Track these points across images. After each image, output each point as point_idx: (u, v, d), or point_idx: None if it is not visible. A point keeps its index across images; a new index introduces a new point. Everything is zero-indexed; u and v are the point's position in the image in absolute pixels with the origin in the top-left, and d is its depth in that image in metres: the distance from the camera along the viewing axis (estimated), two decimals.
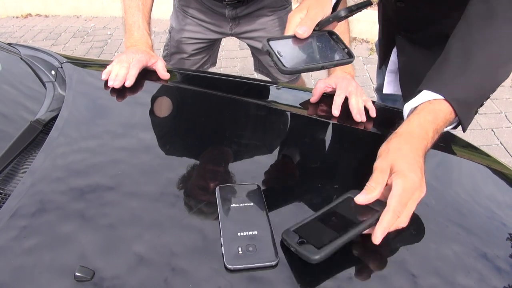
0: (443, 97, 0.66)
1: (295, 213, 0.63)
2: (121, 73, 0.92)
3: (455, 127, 0.72)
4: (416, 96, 0.69)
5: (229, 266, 0.53)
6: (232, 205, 0.63)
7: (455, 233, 0.64)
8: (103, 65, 1.05)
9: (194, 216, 0.63)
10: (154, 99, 0.94)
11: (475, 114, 0.72)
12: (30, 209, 0.62)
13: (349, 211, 0.59)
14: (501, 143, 2.07)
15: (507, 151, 2.02)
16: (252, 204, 0.63)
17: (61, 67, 0.99)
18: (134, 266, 0.54)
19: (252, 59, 1.60)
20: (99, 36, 3.48)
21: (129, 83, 0.92)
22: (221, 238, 0.57)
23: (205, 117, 0.88)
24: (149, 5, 1.10)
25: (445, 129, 0.69)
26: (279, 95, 1.01)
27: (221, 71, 2.77)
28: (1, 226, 0.59)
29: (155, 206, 0.64)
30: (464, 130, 0.70)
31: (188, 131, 0.84)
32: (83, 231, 0.59)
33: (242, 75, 2.78)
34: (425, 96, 0.67)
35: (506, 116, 2.23)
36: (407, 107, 0.70)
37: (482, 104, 0.73)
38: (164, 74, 1.00)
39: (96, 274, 0.53)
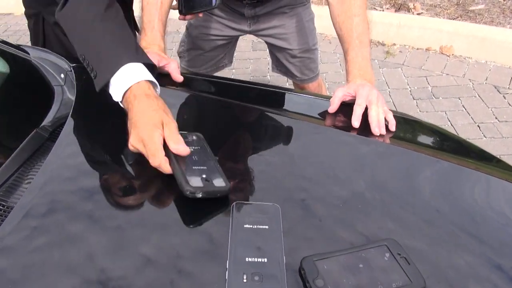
0: None
1: (315, 243, 0.58)
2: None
3: None
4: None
5: None
6: (245, 226, 0.58)
7: (467, 242, 0.61)
8: None
9: (205, 224, 0.61)
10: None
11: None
12: (39, 211, 0.59)
13: (379, 264, 0.53)
14: None
15: None
16: (267, 227, 0.58)
17: (71, 71, 0.96)
18: (141, 267, 0.53)
19: (265, 60, 1.56)
20: None
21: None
22: (227, 261, 0.53)
23: (218, 125, 0.84)
24: (168, 4, 1.06)
25: None
26: (296, 103, 0.97)
27: (233, 72, 2.73)
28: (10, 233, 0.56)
29: (166, 211, 0.61)
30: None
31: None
32: (91, 232, 0.58)
33: (255, 77, 2.74)
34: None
35: None
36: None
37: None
38: (177, 76, 0.96)
39: (103, 274, 0.52)
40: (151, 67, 0.80)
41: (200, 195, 0.61)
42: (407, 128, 0.96)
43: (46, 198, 0.62)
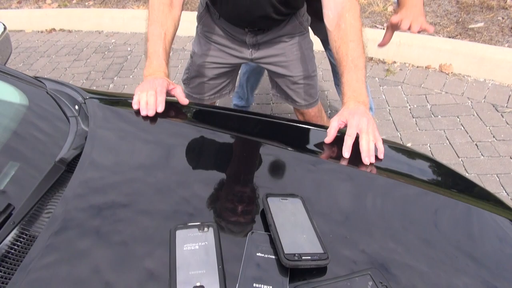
0: None
1: (306, 272, 0.64)
2: (151, 101, 0.99)
3: None
4: None
5: None
6: (257, 254, 0.65)
7: (464, 264, 0.66)
8: (125, 99, 1.09)
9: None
10: (173, 137, 0.97)
11: None
12: (61, 241, 0.65)
13: None
14: None
15: None
16: (276, 257, 0.64)
17: (84, 103, 1.03)
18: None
19: (267, 78, 1.63)
20: (119, 52, 3.57)
21: (160, 109, 0.99)
22: (237, 285, 0.59)
23: (218, 157, 0.90)
24: (171, 35, 1.16)
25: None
26: (293, 135, 1.03)
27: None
28: (36, 262, 0.62)
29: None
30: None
31: (205, 173, 0.86)
32: (112, 258, 0.62)
33: (258, 94, 2.80)
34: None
35: None
36: None
37: None
38: (183, 100, 1.06)
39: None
40: None
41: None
42: (397, 158, 1.02)
43: (68, 228, 0.68)
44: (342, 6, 1.07)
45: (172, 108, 1.05)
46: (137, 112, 0.99)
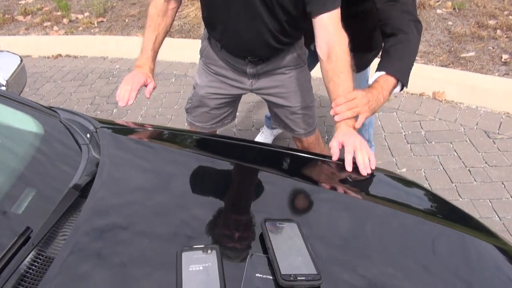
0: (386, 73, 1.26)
1: None
2: (125, 96, 1.27)
3: (401, 89, 1.30)
4: (376, 73, 1.28)
5: None
6: (256, 275, 0.71)
7: None
8: (133, 129, 1.16)
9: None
10: (178, 165, 1.04)
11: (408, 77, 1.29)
12: (77, 262, 0.71)
13: None
14: (511, 197, 2.09)
15: None
16: (274, 278, 0.70)
17: (96, 132, 1.11)
18: None
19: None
20: (123, 78, 3.68)
21: (130, 102, 1.27)
22: None
23: (221, 184, 0.97)
24: (161, 38, 1.43)
25: (394, 91, 1.28)
26: (291, 163, 1.10)
27: (237, 115, 2.89)
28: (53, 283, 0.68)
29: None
30: (406, 86, 1.29)
31: (209, 200, 0.93)
32: (127, 279, 0.68)
33: (258, 120, 2.89)
34: (380, 73, 1.27)
35: None
36: (373, 77, 1.28)
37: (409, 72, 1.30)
38: (147, 94, 1.33)
39: None
40: None
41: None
42: (393, 186, 1.09)
43: (82, 250, 0.74)
44: (332, 39, 1.18)
45: (178, 137, 1.12)
46: (144, 141, 1.07)
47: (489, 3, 3.66)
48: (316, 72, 1.77)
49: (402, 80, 1.27)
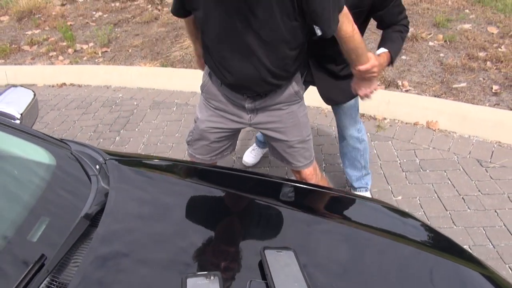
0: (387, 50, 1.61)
1: None
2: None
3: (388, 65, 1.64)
4: (381, 48, 1.62)
5: None
6: None
7: None
8: (140, 160, 1.23)
9: None
10: (183, 195, 1.10)
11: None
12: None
13: None
14: (504, 225, 2.15)
15: (510, 233, 2.10)
16: None
17: (105, 163, 1.18)
18: None
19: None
20: (126, 106, 3.78)
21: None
22: None
23: (224, 214, 1.03)
24: (197, 35, 1.62)
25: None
26: (289, 194, 1.17)
27: (238, 143, 2.97)
28: None
29: None
30: (392, 64, 1.67)
31: (213, 230, 0.99)
32: None
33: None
34: (384, 50, 1.60)
35: (509, 197, 2.32)
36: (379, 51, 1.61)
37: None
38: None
39: None
40: None
41: None
42: (389, 218, 1.15)
43: (94, 278, 0.80)
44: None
45: (181, 168, 1.19)
46: (150, 172, 1.14)
47: (479, 36, 3.81)
48: (310, 101, 1.86)
49: (394, 59, 1.66)
